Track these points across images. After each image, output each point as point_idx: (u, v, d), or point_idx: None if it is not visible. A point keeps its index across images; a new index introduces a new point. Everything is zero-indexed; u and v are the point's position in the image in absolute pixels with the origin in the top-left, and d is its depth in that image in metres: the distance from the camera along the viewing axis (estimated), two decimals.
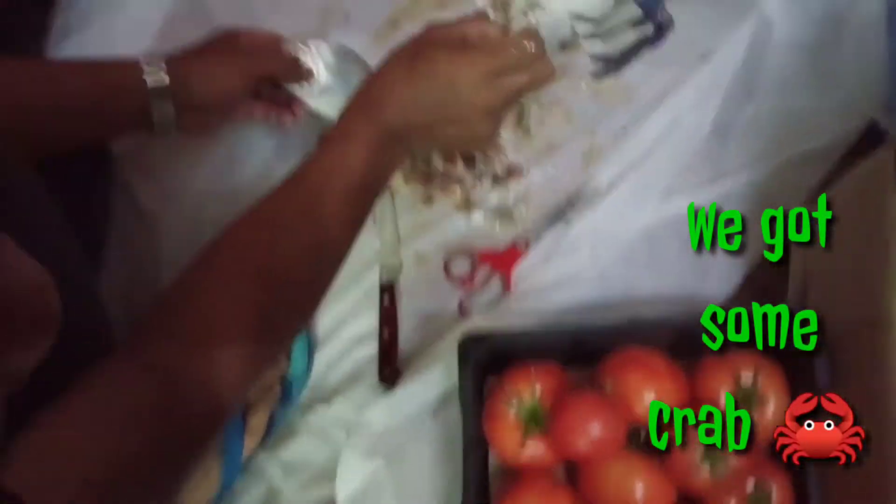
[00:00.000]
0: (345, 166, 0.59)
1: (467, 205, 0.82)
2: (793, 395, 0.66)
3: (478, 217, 0.82)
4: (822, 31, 0.87)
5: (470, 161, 0.83)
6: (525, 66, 0.60)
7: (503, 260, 0.79)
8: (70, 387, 0.45)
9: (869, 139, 0.81)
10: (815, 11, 0.88)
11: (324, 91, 0.78)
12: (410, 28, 0.89)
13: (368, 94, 0.61)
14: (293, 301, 0.59)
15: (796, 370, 0.66)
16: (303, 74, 0.77)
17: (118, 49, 0.88)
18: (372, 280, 0.79)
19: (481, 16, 0.63)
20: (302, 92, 0.77)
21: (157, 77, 0.70)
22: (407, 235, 0.81)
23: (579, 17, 0.60)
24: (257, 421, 0.71)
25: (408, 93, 0.59)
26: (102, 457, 0.44)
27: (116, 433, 0.46)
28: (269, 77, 0.76)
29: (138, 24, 0.91)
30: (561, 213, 0.81)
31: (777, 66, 0.87)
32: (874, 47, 0.83)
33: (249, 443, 0.71)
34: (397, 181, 0.83)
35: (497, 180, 0.82)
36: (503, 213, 0.82)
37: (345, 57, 0.79)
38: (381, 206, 0.82)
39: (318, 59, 0.77)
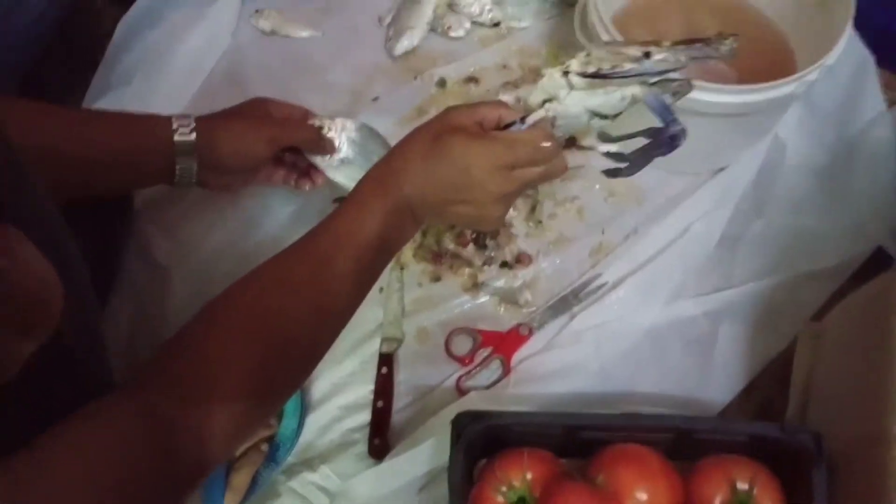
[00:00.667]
0: (357, 234, 0.60)
1: (474, 286, 0.83)
2: None
3: (484, 299, 0.83)
4: (834, 156, 0.90)
5: (481, 244, 0.84)
6: (539, 162, 0.62)
7: (505, 343, 0.79)
8: (68, 419, 0.46)
9: (876, 263, 0.82)
10: (827, 137, 0.91)
11: (344, 164, 0.80)
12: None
13: (387, 167, 0.63)
14: (292, 362, 0.59)
15: (794, 484, 0.65)
16: (325, 147, 0.79)
17: (153, 109, 0.91)
18: (372, 350, 0.79)
19: (500, 103, 0.65)
20: (323, 163, 0.80)
21: (184, 133, 0.72)
22: (412, 310, 0.82)
23: (595, 114, 0.62)
24: (240, 480, 0.70)
25: (424, 171, 0.61)
26: (88, 489, 0.44)
27: (104, 470, 0.45)
28: (293, 146, 0.79)
29: (175, 88, 0.95)
30: (566, 304, 0.81)
31: (788, 186, 0.89)
32: (884, 174, 0.86)
33: (230, 501, 0.69)
34: (407, 257, 0.84)
35: (506, 265, 0.84)
36: (509, 298, 0.82)
37: (368, 134, 0.82)
38: (389, 279, 0.83)
39: (341, 134, 0.80)
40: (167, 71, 0.95)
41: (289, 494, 0.72)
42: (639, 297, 0.81)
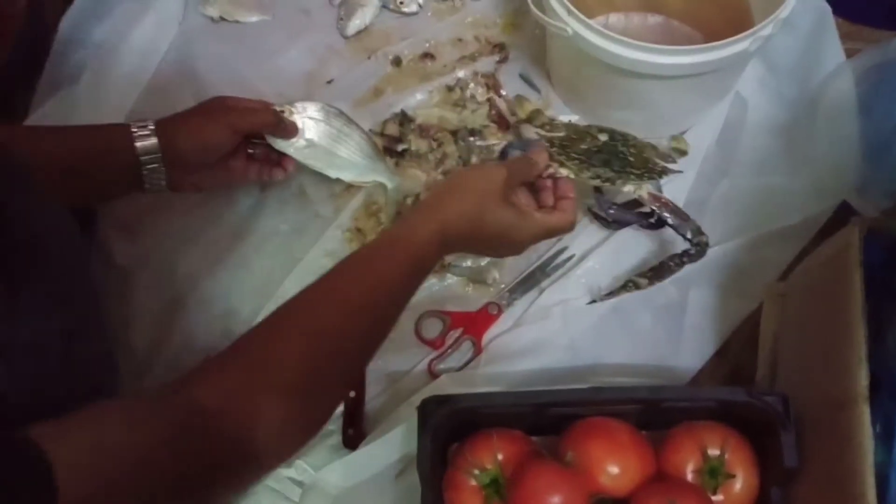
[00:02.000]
0: (412, 275, 0.64)
1: (441, 267, 0.82)
2: (761, 472, 0.65)
3: (451, 280, 0.82)
4: (796, 111, 0.89)
5: None
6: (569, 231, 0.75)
7: (475, 323, 0.79)
8: (116, 399, 0.50)
9: (841, 219, 0.82)
10: (789, 92, 0.90)
11: (310, 146, 0.80)
12: (393, 96, 0.91)
13: (443, 215, 0.66)
14: (342, 369, 0.60)
15: (764, 446, 0.65)
16: (287, 129, 0.78)
17: (105, 105, 0.89)
18: None
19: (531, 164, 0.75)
20: (290, 148, 0.79)
21: (145, 138, 0.71)
22: None
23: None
24: None
25: (473, 232, 0.67)
26: (135, 466, 0.45)
27: (152, 450, 0.46)
28: (256, 132, 0.77)
29: (125, 82, 0.92)
30: (534, 279, 0.81)
31: (751, 145, 0.88)
32: (845, 126, 0.84)
33: None
34: None
35: None
36: (476, 277, 0.81)
37: (330, 113, 0.81)
38: None
39: (304, 116, 0.79)
40: (116, 65, 0.93)
41: (264, 492, 0.72)
42: (605, 268, 0.81)
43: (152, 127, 0.71)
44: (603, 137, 0.81)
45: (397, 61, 0.94)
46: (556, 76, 0.92)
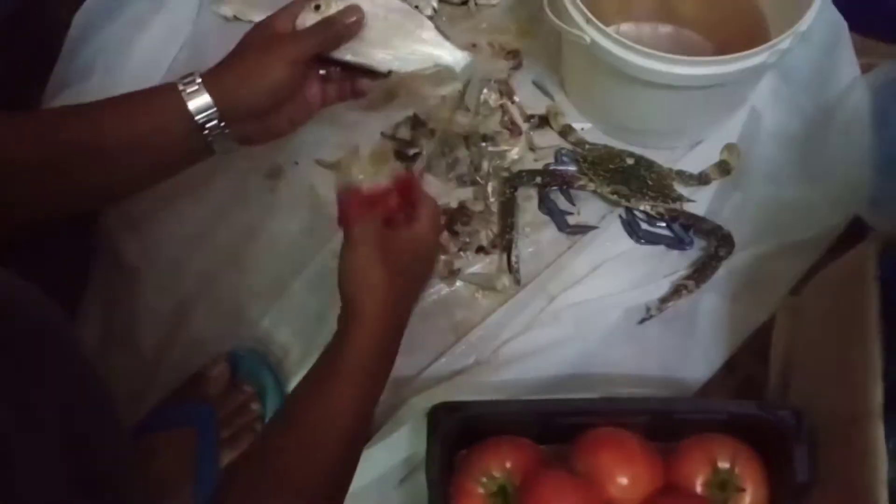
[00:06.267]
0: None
1: (451, 273, 0.81)
2: (771, 487, 0.64)
3: (460, 285, 0.81)
4: (810, 124, 0.89)
5: (454, 232, 0.83)
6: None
7: None
8: None
9: (855, 233, 0.81)
10: (803, 105, 0.90)
11: (373, 45, 0.71)
12: (406, 99, 0.91)
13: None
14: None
15: (776, 461, 0.64)
16: (347, 29, 0.69)
17: None
18: None
19: None
20: (355, 54, 0.70)
21: (196, 95, 0.63)
22: None
23: None
24: None
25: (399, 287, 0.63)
26: None
27: None
28: (317, 53, 0.68)
29: (137, 80, 0.90)
30: (543, 286, 0.80)
31: (765, 157, 0.88)
32: (860, 141, 0.84)
33: None
34: None
35: (482, 250, 0.82)
36: (486, 283, 0.81)
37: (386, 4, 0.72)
38: None
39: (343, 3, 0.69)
40: (128, 63, 0.92)
41: None
42: (616, 276, 0.80)
43: (199, 81, 0.63)
44: (630, 161, 0.86)
45: None
46: (569, 84, 0.92)
